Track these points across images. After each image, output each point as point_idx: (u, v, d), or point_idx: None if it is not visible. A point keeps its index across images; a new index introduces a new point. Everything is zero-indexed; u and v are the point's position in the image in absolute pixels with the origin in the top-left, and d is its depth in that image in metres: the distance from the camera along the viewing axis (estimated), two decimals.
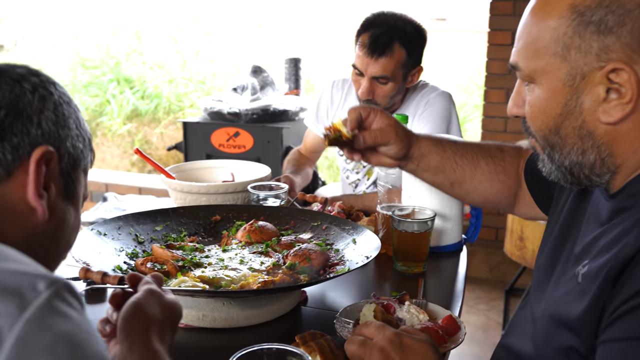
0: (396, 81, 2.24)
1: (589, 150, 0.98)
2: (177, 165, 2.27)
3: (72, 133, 0.87)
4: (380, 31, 2.18)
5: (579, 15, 0.92)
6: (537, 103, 1.01)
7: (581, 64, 0.93)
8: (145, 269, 1.44)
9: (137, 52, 7.50)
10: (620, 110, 0.92)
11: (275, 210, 1.83)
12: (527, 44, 1.00)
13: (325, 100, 2.59)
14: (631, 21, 0.89)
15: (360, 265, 1.41)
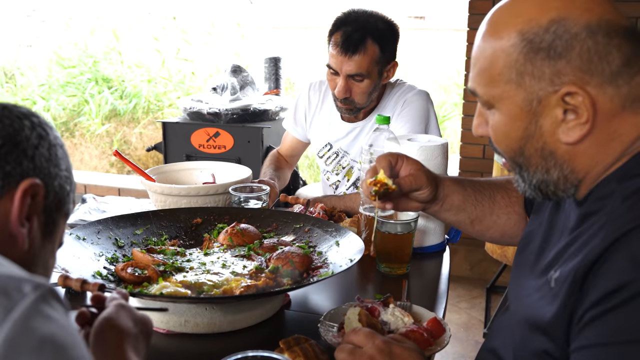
0: (372, 78, 2.24)
1: (552, 169, 1.00)
2: (157, 167, 2.24)
3: (62, 174, 0.90)
4: (352, 29, 2.18)
5: (529, 42, 0.94)
6: (499, 127, 1.03)
7: (536, 89, 0.95)
8: (125, 274, 1.41)
9: (115, 51, 7.43)
10: (578, 130, 0.94)
11: (257, 213, 1.81)
12: (482, 71, 1.01)
13: (303, 102, 2.58)
14: (579, 44, 0.91)
15: (344, 269, 1.40)
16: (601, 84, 0.92)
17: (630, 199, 0.90)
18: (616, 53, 0.91)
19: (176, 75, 7.05)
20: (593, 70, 0.92)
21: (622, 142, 0.95)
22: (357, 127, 2.42)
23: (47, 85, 7.30)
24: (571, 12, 0.92)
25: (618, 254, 0.85)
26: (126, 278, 1.41)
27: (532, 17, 0.94)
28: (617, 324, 0.82)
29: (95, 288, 1.14)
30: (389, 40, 2.25)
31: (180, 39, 7.20)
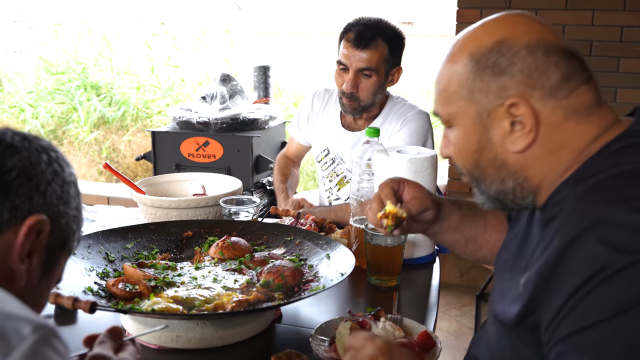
0: (379, 76, 2.33)
1: (506, 178, 1.09)
2: (147, 179, 2.24)
3: (71, 212, 0.90)
4: (365, 27, 2.31)
5: (477, 62, 1.05)
6: (457, 143, 1.13)
7: (485, 103, 1.05)
8: (116, 290, 1.41)
9: (105, 57, 7.41)
10: (524, 139, 1.03)
11: (248, 225, 1.82)
12: (441, 91, 1.12)
13: (306, 107, 2.65)
14: (520, 61, 1.02)
15: (335, 283, 1.41)
16: (542, 96, 1.02)
17: (582, 198, 0.96)
18: (554, 69, 1.01)
19: (165, 83, 7.03)
20: (534, 84, 1.01)
21: (570, 150, 1.03)
22: (356, 136, 2.46)
23: (36, 92, 7.27)
24: (513, 34, 1.03)
25: (577, 252, 0.90)
26: (117, 294, 1.41)
27: (480, 40, 1.05)
28: (589, 309, 0.87)
29: (87, 306, 1.15)
30: (397, 44, 2.37)
31: (170, 45, 7.19)
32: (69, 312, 1.54)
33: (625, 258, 0.86)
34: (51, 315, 1.54)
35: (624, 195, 0.92)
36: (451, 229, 1.47)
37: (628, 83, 3.63)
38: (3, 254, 0.82)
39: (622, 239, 0.87)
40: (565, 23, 3.66)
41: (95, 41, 7.84)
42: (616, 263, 0.86)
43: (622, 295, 0.85)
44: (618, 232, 0.88)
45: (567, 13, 3.67)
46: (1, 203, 0.81)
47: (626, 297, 0.84)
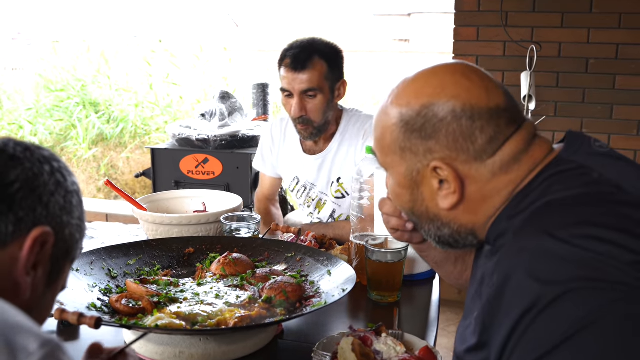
0: (324, 93, 2.30)
1: (442, 227, 1.13)
2: (148, 196, 2.26)
3: (74, 222, 0.89)
4: (299, 50, 2.28)
5: (406, 124, 1.08)
6: (392, 189, 1.18)
7: (415, 162, 1.08)
8: (120, 306, 1.42)
9: (103, 74, 7.44)
10: (450, 199, 1.07)
11: (249, 242, 1.83)
12: (377, 140, 1.15)
13: (267, 141, 2.62)
14: (445, 127, 1.04)
15: (337, 299, 1.42)
16: (467, 160, 1.04)
17: (518, 233, 0.98)
18: (479, 134, 1.03)
19: (163, 100, 7.06)
20: (459, 149, 1.04)
21: (501, 196, 1.06)
22: (320, 158, 2.44)
23: (35, 109, 7.29)
24: (440, 98, 1.05)
25: (510, 289, 0.92)
26: (121, 310, 1.42)
27: (410, 101, 1.07)
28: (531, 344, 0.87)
29: (92, 322, 1.16)
30: (334, 58, 2.34)
31: (168, 62, 7.22)
32: (71, 327, 1.55)
33: (555, 289, 0.86)
34: (54, 331, 1.55)
35: (550, 226, 0.93)
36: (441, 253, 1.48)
37: (624, 100, 3.66)
38: (8, 267, 0.82)
39: (549, 271, 0.88)
40: (562, 41, 3.71)
41: (93, 58, 7.87)
42: (547, 296, 0.86)
43: (557, 327, 0.85)
44: (545, 264, 0.89)
45: (563, 31, 3.71)
46: (5, 216, 0.81)
47: (561, 329, 0.85)
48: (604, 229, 0.90)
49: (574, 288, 0.86)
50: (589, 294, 0.85)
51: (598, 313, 0.84)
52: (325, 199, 2.47)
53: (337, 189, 2.42)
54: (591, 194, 0.98)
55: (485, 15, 4.02)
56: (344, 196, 2.42)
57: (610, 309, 0.84)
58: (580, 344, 0.84)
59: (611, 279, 0.85)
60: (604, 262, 0.87)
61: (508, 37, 3.89)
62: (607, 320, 0.83)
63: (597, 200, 0.97)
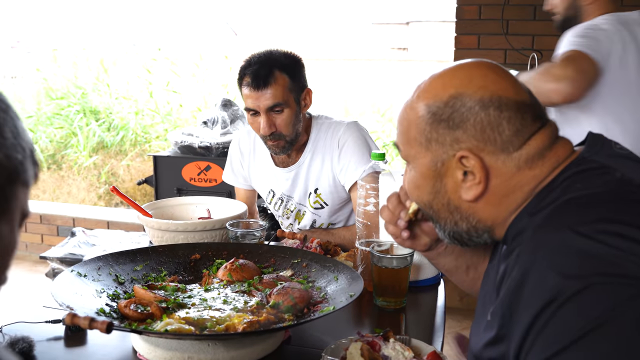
0: (290, 107, 2.25)
1: (459, 221, 1.14)
2: (152, 202, 2.26)
3: (7, 142, 0.78)
4: (258, 66, 2.22)
5: (433, 115, 1.10)
6: (412, 181, 1.18)
7: (440, 153, 1.10)
8: (129, 311, 1.43)
9: (104, 82, 7.46)
10: (474, 189, 1.08)
11: (255, 248, 1.84)
12: (402, 133, 1.17)
13: (236, 155, 2.57)
14: (473, 116, 1.06)
15: (345, 304, 1.43)
16: (494, 151, 1.06)
17: (537, 229, 1.00)
18: (506, 125, 1.06)
19: (163, 108, 7.08)
20: (486, 139, 1.06)
21: (523, 192, 1.08)
22: (292, 170, 2.41)
23: (36, 117, 7.30)
24: (468, 89, 1.07)
25: (530, 283, 0.93)
26: (130, 315, 1.43)
27: (437, 93, 1.10)
28: (551, 337, 0.89)
29: (104, 327, 1.16)
30: (295, 69, 2.28)
31: (169, 70, 7.25)
32: (79, 333, 1.56)
33: (576, 284, 0.88)
34: (61, 337, 1.55)
35: (572, 221, 0.95)
36: (455, 253, 1.47)
37: None
38: None
39: (571, 265, 0.90)
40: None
41: (93, 66, 7.90)
42: (567, 289, 0.88)
43: (577, 321, 0.87)
44: (566, 258, 0.91)
45: None
46: None
47: (581, 324, 0.86)
48: (627, 226, 0.92)
49: (595, 283, 0.87)
50: (609, 289, 0.87)
51: (618, 308, 0.85)
52: (304, 210, 2.44)
53: (316, 200, 2.39)
54: (613, 192, 1.00)
55: (486, 24, 4.04)
56: (322, 207, 2.39)
57: (629, 304, 0.85)
58: (600, 339, 0.85)
59: (631, 275, 0.87)
60: (625, 258, 0.89)
61: (509, 45, 3.91)
62: (626, 316, 0.85)
63: (619, 199, 0.99)
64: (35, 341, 1.45)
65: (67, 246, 3.87)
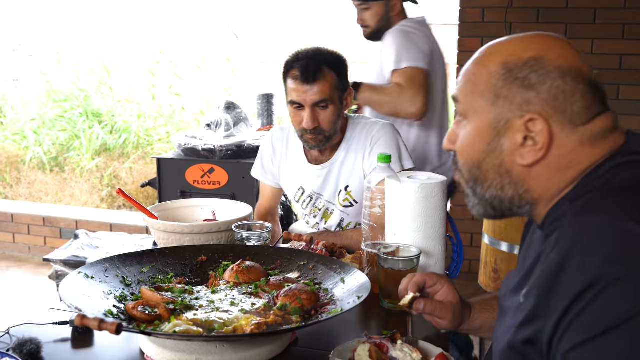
0: (335, 104, 2.29)
1: (507, 187, 1.12)
2: (158, 204, 2.27)
3: None
4: (307, 61, 2.26)
5: (508, 71, 1.08)
6: (466, 138, 1.15)
7: (506, 111, 1.08)
8: (137, 312, 1.43)
9: (105, 85, 7.47)
10: (533, 155, 1.07)
11: (261, 250, 1.84)
12: (467, 84, 1.15)
13: (268, 150, 2.58)
14: (550, 81, 1.05)
15: (353, 306, 1.43)
16: (562, 121, 1.05)
17: (578, 214, 1.00)
18: (579, 97, 1.05)
19: (165, 110, 7.09)
20: (557, 108, 1.05)
21: (578, 169, 1.07)
22: (325, 168, 2.43)
23: (41, 120, 7.31)
24: (549, 54, 1.07)
25: (572, 264, 0.94)
26: (138, 317, 1.43)
27: (515, 52, 1.09)
28: (591, 319, 0.90)
29: (114, 328, 1.16)
30: (341, 68, 2.33)
31: (172, 73, 7.26)
32: (86, 335, 1.56)
33: (617, 269, 0.89)
34: (68, 339, 1.55)
35: (618, 208, 0.96)
36: (485, 329, 1.52)
37: (628, 110, 3.69)
38: None
39: (615, 250, 0.90)
40: None
41: (95, 69, 7.91)
42: (609, 275, 0.89)
43: (616, 307, 0.88)
44: (611, 243, 0.91)
45: None
46: None
47: (621, 310, 0.87)
48: None
49: (638, 270, 0.88)
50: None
51: None
52: (333, 209, 2.46)
53: (345, 198, 2.41)
54: None
55: (489, 26, 4.05)
56: (352, 205, 2.41)
57: None
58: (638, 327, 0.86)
59: None
60: None
61: None
62: None
63: None
64: (43, 343, 1.46)
65: (71, 248, 3.87)
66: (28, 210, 5.19)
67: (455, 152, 1.19)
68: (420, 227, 1.80)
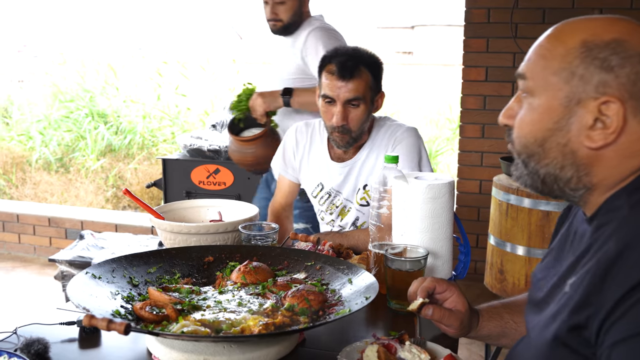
0: (366, 103, 2.31)
1: (567, 167, 1.10)
2: (164, 205, 2.27)
3: None
4: (345, 58, 2.28)
5: (588, 50, 1.05)
6: (530, 114, 1.13)
7: (580, 91, 1.06)
8: (144, 313, 1.43)
9: (112, 86, 7.48)
10: (602, 138, 1.05)
11: (268, 250, 1.84)
12: (538, 60, 1.12)
13: (291, 144, 2.60)
14: (630, 65, 1.03)
15: (361, 307, 1.42)
16: (636, 107, 1.04)
17: (636, 207, 1.00)
18: None
19: (170, 111, 7.09)
20: (634, 93, 1.03)
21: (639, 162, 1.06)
22: (347, 166, 2.44)
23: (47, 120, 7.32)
24: (632, 37, 1.04)
25: (632, 254, 0.94)
26: (145, 317, 1.42)
27: (597, 32, 1.06)
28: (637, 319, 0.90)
29: (122, 328, 1.16)
30: (377, 69, 2.36)
31: (178, 74, 7.26)
32: (93, 335, 1.56)
33: None
34: (75, 339, 1.55)
35: None
36: (492, 337, 1.53)
37: None
38: None
39: None
40: None
41: (101, 70, 7.93)
42: None
43: None
44: None
45: None
46: None
47: None
48: None
49: None
50: None
51: None
52: (350, 207, 2.47)
53: (363, 196, 2.42)
54: None
55: (495, 27, 4.04)
56: (368, 204, 2.41)
57: None
58: None
59: None
60: None
61: (518, 48, 3.91)
62: None
63: None
64: (50, 343, 1.45)
65: (76, 249, 3.88)
66: (33, 211, 5.20)
67: (511, 127, 1.17)
68: (427, 227, 1.80)
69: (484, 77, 4.12)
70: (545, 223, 3.17)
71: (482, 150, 4.22)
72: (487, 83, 4.12)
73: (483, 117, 4.16)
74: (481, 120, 4.18)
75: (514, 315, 1.51)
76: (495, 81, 4.10)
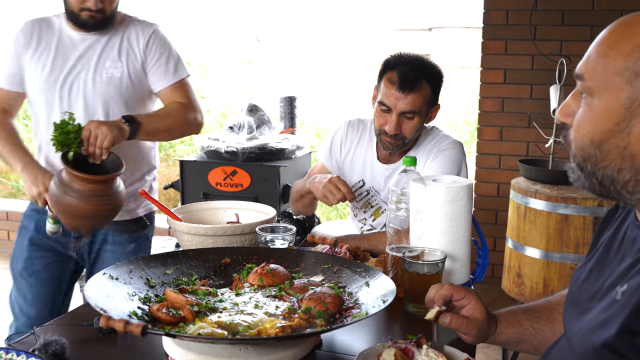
0: (421, 116, 2.32)
1: (625, 170, 1.05)
2: (181, 206, 2.27)
3: None
4: (408, 68, 2.27)
5: None
6: (589, 115, 1.08)
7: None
8: (161, 314, 1.43)
9: None
10: None
11: (285, 253, 1.83)
12: (599, 60, 1.07)
13: (340, 136, 2.61)
14: None
15: (378, 310, 1.42)
16: None
17: None
18: None
19: None
20: None
21: None
22: (390, 168, 2.46)
23: None
24: None
25: None
26: (162, 318, 1.43)
27: None
28: None
29: (139, 330, 1.16)
30: (438, 83, 2.36)
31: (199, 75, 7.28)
32: (110, 336, 1.56)
33: None
34: (93, 340, 1.56)
35: None
36: (510, 343, 1.51)
37: None
38: None
39: None
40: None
41: None
42: None
43: None
44: None
45: None
46: None
47: None
48: None
49: None
50: None
51: None
52: (385, 208, 2.48)
53: None
54: None
55: (514, 29, 4.02)
56: None
57: None
58: None
59: None
60: None
61: (537, 50, 3.88)
62: None
63: None
64: (67, 344, 1.46)
65: None
66: None
67: (568, 126, 1.14)
68: (445, 230, 1.79)
69: (502, 80, 4.10)
70: (564, 227, 3.14)
71: (500, 153, 4.19)
72: (506, 85, 4.10)
73: (501, 119, 4.14)
74: (499, 122, 4.16)
75: (533, 321, 1.49)
76: (513, 83, 4.08)
